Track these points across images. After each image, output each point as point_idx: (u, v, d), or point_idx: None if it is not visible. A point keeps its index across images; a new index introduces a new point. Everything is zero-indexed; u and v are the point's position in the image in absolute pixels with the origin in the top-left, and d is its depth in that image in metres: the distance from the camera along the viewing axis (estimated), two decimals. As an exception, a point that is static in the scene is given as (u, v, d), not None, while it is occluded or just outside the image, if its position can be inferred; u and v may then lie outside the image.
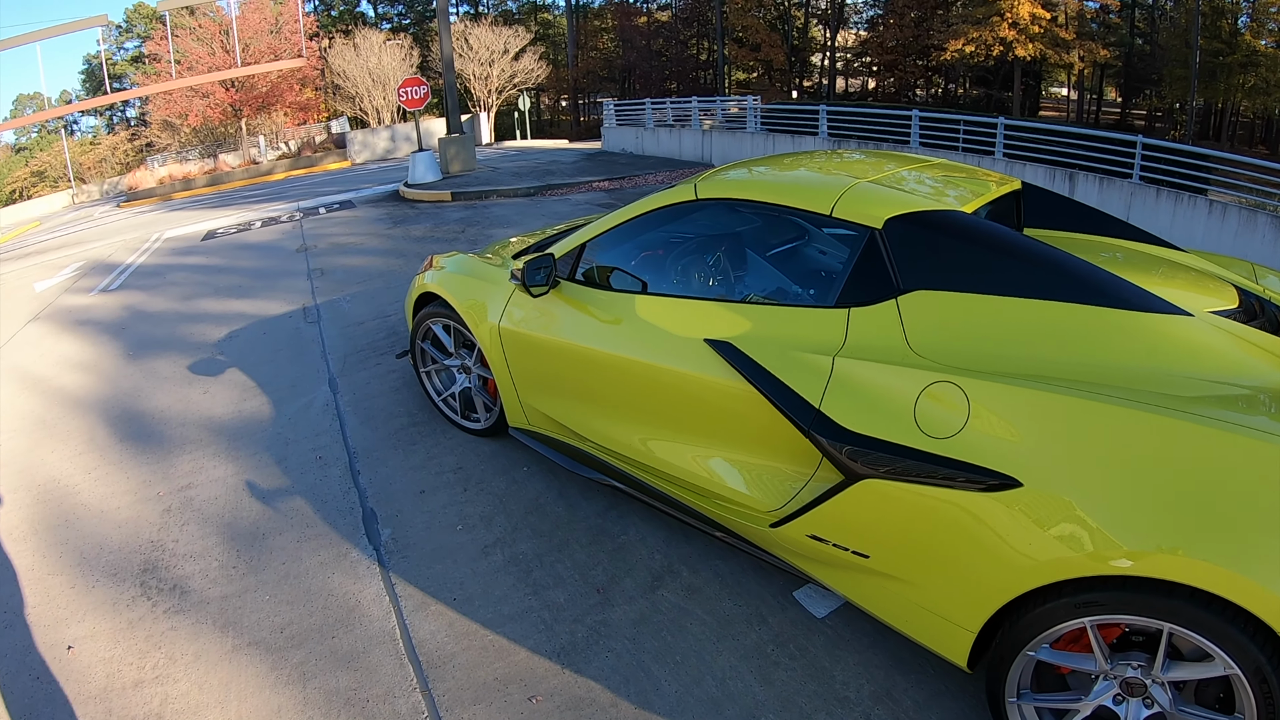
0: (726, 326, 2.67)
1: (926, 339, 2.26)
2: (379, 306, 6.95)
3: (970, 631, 2.06)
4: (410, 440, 4.20)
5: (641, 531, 3.26)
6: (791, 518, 2.44)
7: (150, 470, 4.18)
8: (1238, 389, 1.93)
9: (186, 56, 33.49)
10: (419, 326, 4.18)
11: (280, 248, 10.75)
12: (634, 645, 2.64)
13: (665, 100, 19.75)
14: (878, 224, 2.45)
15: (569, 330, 3.18)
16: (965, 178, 3.13)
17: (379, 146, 31.06)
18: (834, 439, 2.23)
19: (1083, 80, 38.40)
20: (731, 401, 2.61)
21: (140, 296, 8.72)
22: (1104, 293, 2.12)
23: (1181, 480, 1.73)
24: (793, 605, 2.80)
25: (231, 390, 5.24)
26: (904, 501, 2.11)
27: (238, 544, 3.39)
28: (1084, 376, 2.00)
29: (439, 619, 2.82)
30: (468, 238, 9.92)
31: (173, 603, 3.04)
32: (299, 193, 18.99)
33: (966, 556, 2.00)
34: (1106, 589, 1.77)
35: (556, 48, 46.51)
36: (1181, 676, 1.79)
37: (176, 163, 32.79)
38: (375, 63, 34.12)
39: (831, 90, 42.22)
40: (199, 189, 27.01)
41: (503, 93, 36.67)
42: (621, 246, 3.27)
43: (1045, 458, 1.89)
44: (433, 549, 3.23)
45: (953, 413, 2.05)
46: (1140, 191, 10.17)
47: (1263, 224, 8.99)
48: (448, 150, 16.21)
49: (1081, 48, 30.82)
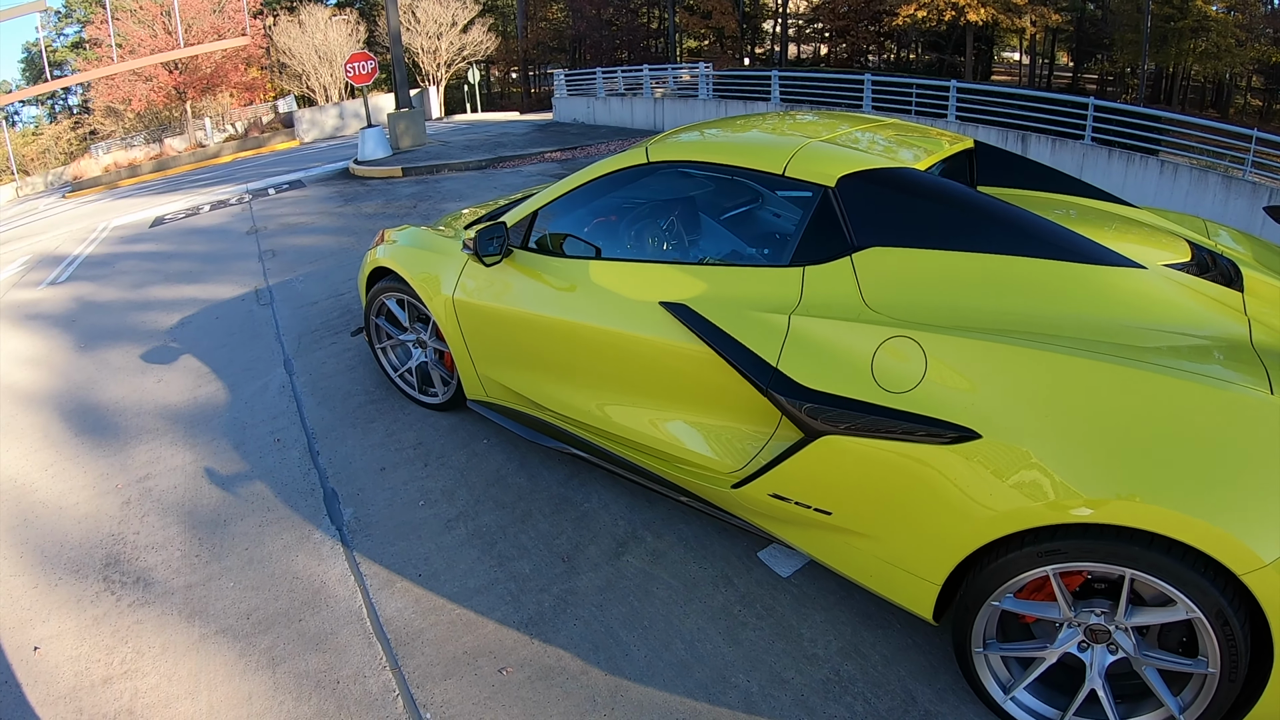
0: (681, 289, 2.66)
1: (881, 295, 2.27)
2: (332, 285, 6.83)
3: (934, 584, 2.09)
4: (369, 418, 4.15)
5: (604, 499, 3.26)
6: (753, 477, 2.45)
7: (107, 463, 4.09)
8: (1191, 339, 1.96)
9: (128, 40, 32.34)
10: (373, 302, 4.11)
11: (230, 231, 10.50)
12: (601, 612, 2.65)
13: (616, 69, 19.57)
14: (830, 182, 2.45)
15: (523, 299, 3.16)
16: (918, 137, 3.14)
17: (327, 124, 30.40)
18: (792, 397, 2.23)
19: (1034, 45, 38.63)
20: (688, 364, 2.61)
21: (90, 287, 8.47)
22: (1057, 246, 2.14)
23: (1137, 428, 1.76)
24: (758, 566, 2.83)
25: (186, 377, 5.13)
26: (864, 457, 2.13)
27: (199, 532, 3.33)
28: (1039, 329, 2.02)
29: (405, 596, 2.80)
30: (420, 212, 9.78)
31: (137, 595, 2.99)
32: (247, 174, 18.53)
33: (928, 509, 2.03)
34: (1067, 537, 1.80)
35: (505, 19, 45.66)
36: (1144, 621, 1.83)
37: (122, 150, 31.85)
38: (321, 39, 33.35)
39: (784, 57, 42.03)
40: (145, 175, 26.30)
41: (452, 66, 36.08)
42: (574, 213, 3.25)
43: (1003, 409, 1.91)
44: (396, 526, 3.21)
45: (910, 367, 2.07)
46: (1092, 152, 10.32)
47: (1213, 183, 9.19)
48: (397, 125, 15.91)
49: (1033, 12, 30.85)
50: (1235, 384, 1.73)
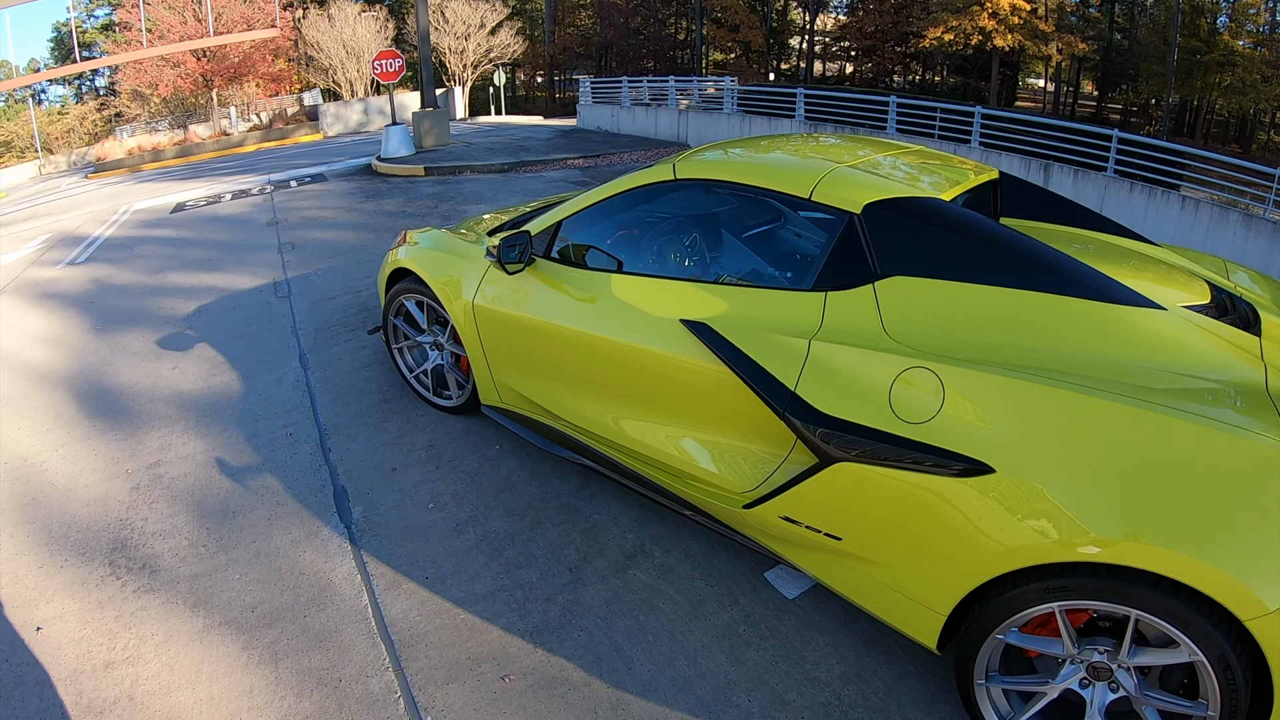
0: (702, 307, 2.67)
1: (902, 324, 2.27)
2: (350, 281, 6.87)
3: (940, 614, 2.09)
4: (382, 417, 4.17)
5: (614, 511, 3.26)
6: (765, 499, 2.44)
7: (118, 446, 4.11)
8: (1207, 383, 1.95)
9: (158, 25, 32.56)
10: (391, 302, 4.13)
11: (251, 221, 10.56)
12: (606, 624, 2.65)
13: (642, 79, 19.60)
14: (856, 209, 2.45)
15: (544, 308, 3.16)
16: (943, 165, 3.13)
17: (352, 119, 30.60)
18: (809, 421, 2.23)
19: (1059, 72, 38.58)
20: (706, 382, 2.61)
21: (108, 270, 8.53)
22: (1079, 283, 2.14)
23: (1150, 470, 1.76)
24: (764, 586, 2.82)
25: (201, 365, 5.16)
26: (877, 485, 2.13)
27: (207, 522, 3.35)
28: (1057, 366, 2.02)
29: (411, 598, 2.81)
30: (440, 213, 9.82)
31: (142, 582, 3.00)
32: (270, 165, 18.66)
33: (938, 541, 2.03)
34: (1076, 575, 1.80)
35: (534, 23, 45.93)
36: (1147, 662, 1.83)
37: (146, 133, 32.05)
38: (349, 35, 33.55)
39: (809, 74, 42.14)
40: (168, 160, 26.48)
41: (478, 67, 36.25)
42: (598, 225, 3.26)
43: (1018, 445, 1.91)
44: (404, 527, 3.21)
45: (927, 398, 2.07)
46: (1114, 185, 10.27)
47: (1234, 221, 9.12)
48: (422, 124, 15.98)
49: (1060, 40, 31.02)
50: (1249, 430, 1.73)
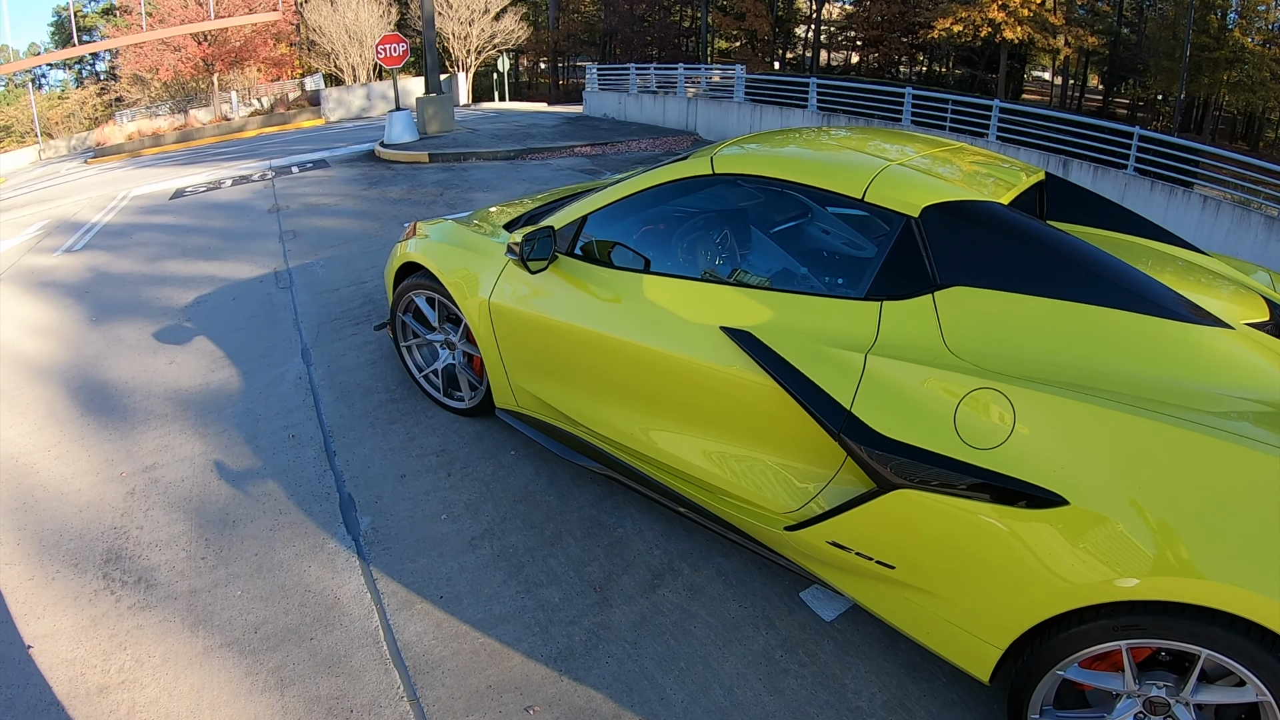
0: (744, 314, 2.48)
1: (964, 339, 2.12)
2: (354, 272, 6.66)
3: (997, 649, 1.98)
4: (389, 419, 3.98)
5: (639, 524, 3.08)
6: (811, 522, 2.29)
7: (113, 447, 3.92)
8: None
9: (158, 9, 32.14)
10: (400, 298, 3.94)
11: (251, 208, 10.35)
12: (636, 650, 2.48)
13: (649, 66, 19.31)
14: (914, 212, 2.29)
15: (567, 309, 2.97)
16: (991, 164, 2.98)
17: (354, 105, 30.31)
18: (867, 444, 2.07)
19: (1067, 66, 38.34)
20: (746, 394, 2.44)
21: (105, 257, 8.33)
22: (1150, 300, 2.02)
23: (1232, 506, 1.65)
24: (800, 607, 2.67)
25: (199, 360, 4.97)
26: (940, 514, 1.99)
27: (207, 532, 3.16)
28: (1129, 389, 1.88)
29: (426, 619, 2.63)
30: (446, 201, 9.62)
31: (138, 597, 2.82)
32: (271, 150, 18.39)
33: (1002, 574, 1.91)
34: (1147, 614, 1.71)
35: (537, 9, 45.45)
36: (1210, 700, 1.75)
37: (146, 118, 31.71)
38: (352, 19, 33.15)
39: (815, 63, 41.81)
40: (169, 145, 26.19)
41: (482, 53, 35.91)
42: (626, 221, 3.06)
43: (1094, 475, 1.78)
44: (416, 540, 3.03)
45: (997, 422, 1.93)
46: (1134, 183, 10.09)
47: (1256, 223, 8.98)
48: (426, 110, 15.73)
49: (1069, 33, 30.80)
50: None
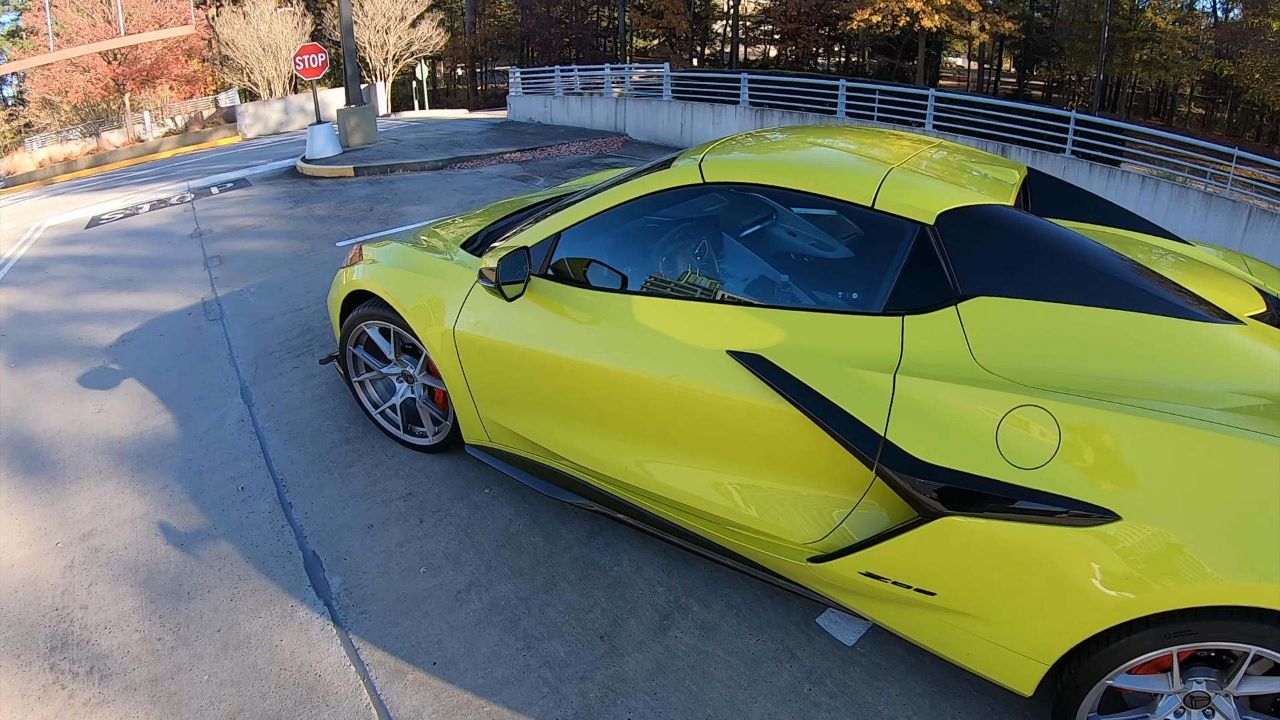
0: (752, 336, 2.29)
1: (993, 353, 2.00)
2: (288, 299, 6.27)
3: (1043, 664, 1.93)
4: (346, 461, 3.67)
5: (636, 560, 2.87)
6: (841, 554, 2.12)
7: (45, 512, 3.52)
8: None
9: (66, 28, 30.59)
10: (350, 330, 3.62)
11: (172, 233, 9.76)
12: (657, 701, 2.28)
13: (574, 68, 19.05)
14: (929, 219, 2.16)
15: (546, 336, 2.73)
16: (983, 162, 2.89)
17: (272, 119, 29.40)
18: (909, 473, 1.91)
19: (982, 51, 39.47)
20: (759, 422, 2.26)
21: (20, 295, 7.70)
22: (1169, 302, 1.98)
23: (1274, 505, 1.63)
24: (819, 634, 2.52)
25: (130, 405, 4.56)
26: (988, 538, 1.87)
27: (160, 607, 2.82)
28: (1163, 396, 1.84)
29: (422, 690, 2.36)
30: (377, 216, 9.24)
31: (93, 691, 2.47)
32: (189, 171, 17.56)
33: (1052, 592, 1.84)
34: (1199, 619, 1.70)
35: (454, 15, 44.71)
36: (1254, 691, 1.77)
37: (57, 143, 30.38)
38: (266, 31, 32.14)
39: (734, 58, 42.08)
40: (82, 171, 25.17)
41: (399, 61, 35.20)
42: (606, 236, 2.82)
43: (1142, 487, 1.74)
44: (396, 599, 2.75)
45: (1041, 439, 1.83)
46: (1073, 165, 10.37)
47: (1194, 199, 9.35)
48: (348, 122, 15.19)
49: (985, 19, 31.74)
50: None
